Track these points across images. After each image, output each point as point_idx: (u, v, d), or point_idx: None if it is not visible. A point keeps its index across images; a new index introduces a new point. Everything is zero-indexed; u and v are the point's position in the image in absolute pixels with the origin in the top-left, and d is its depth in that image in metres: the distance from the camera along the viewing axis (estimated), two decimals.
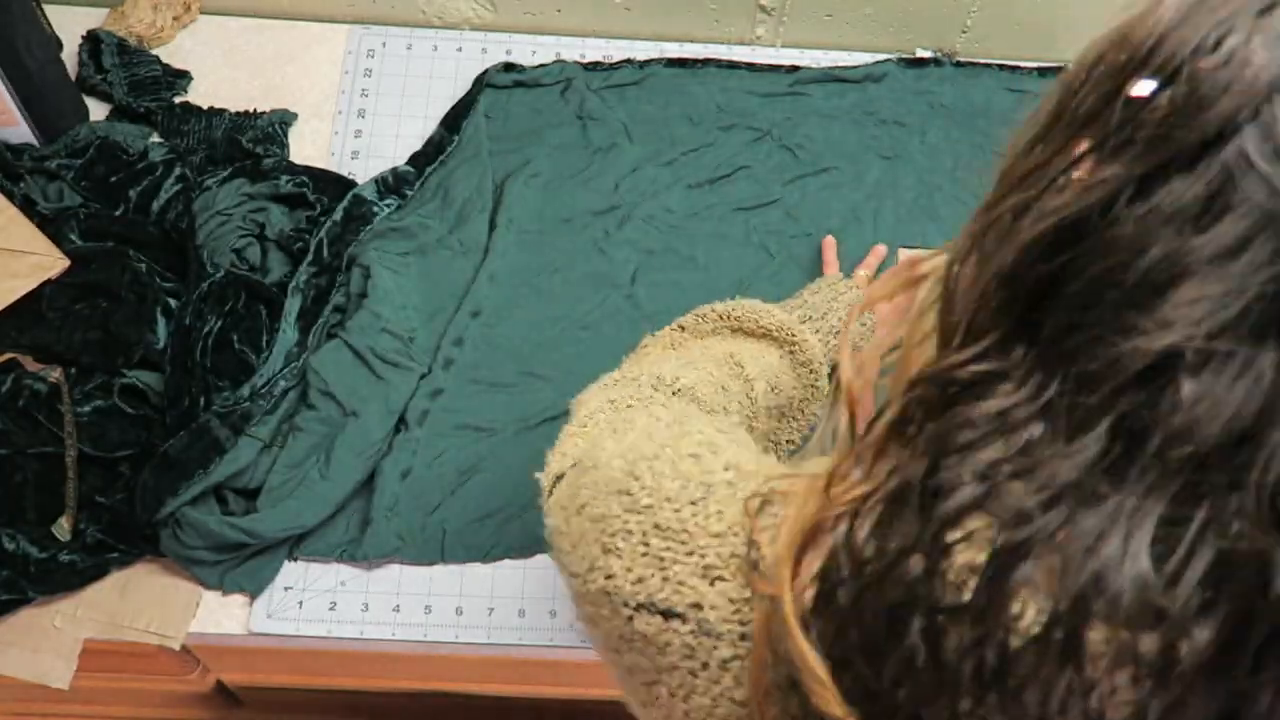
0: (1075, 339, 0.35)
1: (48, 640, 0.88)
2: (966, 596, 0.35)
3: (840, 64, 1.19)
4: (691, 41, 1.21)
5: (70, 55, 1.12)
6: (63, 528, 0.89)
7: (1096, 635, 0.34)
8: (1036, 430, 0.35)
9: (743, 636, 0.43)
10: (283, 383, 0.95)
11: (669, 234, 1.08)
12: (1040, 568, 0.34)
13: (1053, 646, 0.34)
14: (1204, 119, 0.34)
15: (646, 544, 0.46)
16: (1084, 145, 0.37)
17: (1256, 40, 0.34)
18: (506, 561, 0.93)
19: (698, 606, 0.44)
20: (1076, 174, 0.36)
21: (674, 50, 1.19)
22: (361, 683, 1.20)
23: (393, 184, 1.06)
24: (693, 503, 0.46)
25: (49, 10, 1.06)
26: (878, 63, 1.19)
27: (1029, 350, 0.37)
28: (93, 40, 1.12)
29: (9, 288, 0.96)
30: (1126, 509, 0.33)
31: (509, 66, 1.15)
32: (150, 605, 0.89)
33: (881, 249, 1.06)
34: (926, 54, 1.22)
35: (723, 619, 0.44)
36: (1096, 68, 0.38)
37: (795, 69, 1.18)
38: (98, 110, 1.11)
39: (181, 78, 1.13)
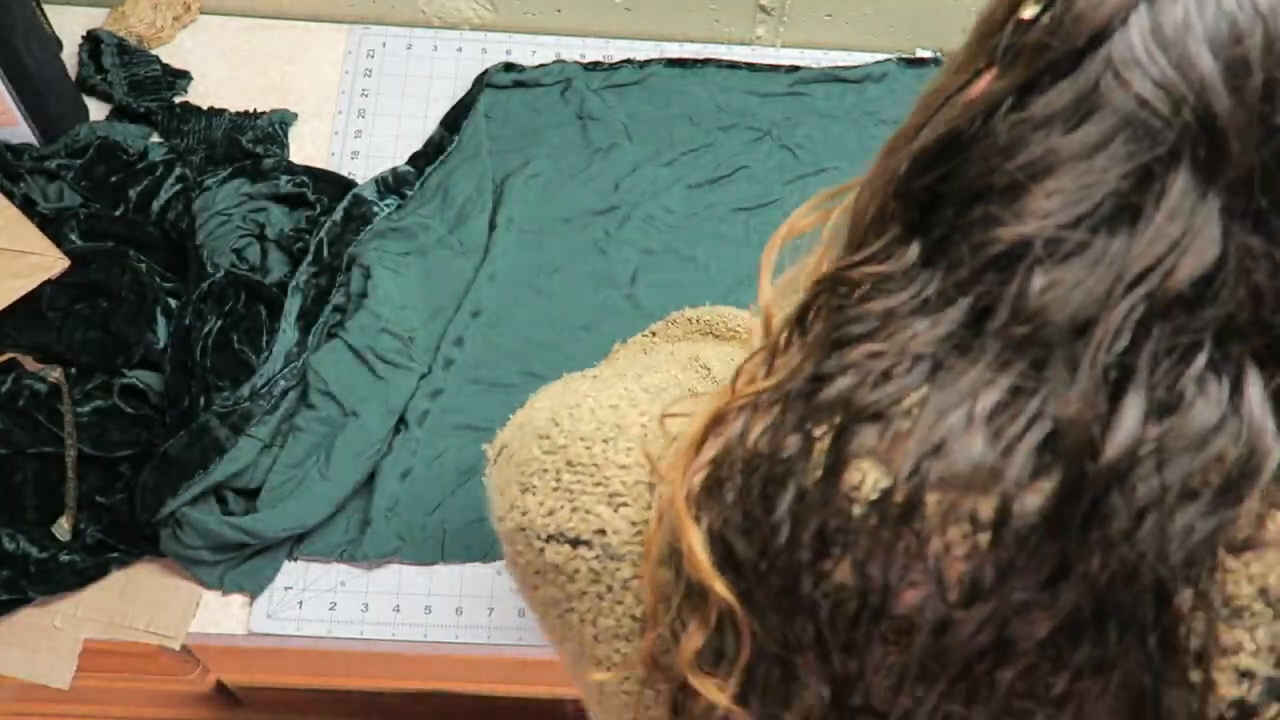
0: (953, 239, 0.39)
1: (48, 640, 0.88)
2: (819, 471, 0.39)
3: (840, 64, 1.19)
4: (691, 41, 1.21)
5: (70, 55, 1.12)
6: (63, 528, 0.89)
7: (934, 499, 0.37)
8: (918, 324, 0.39)
9: (641, 558, 0.46)
10: (283, 383, 0.95)
11: (669, 234, 1.08)
12: (885, 436, 0.38)
13: (891, 511, 0.37)
14: (1076, 31, 0.37)
15: (559, 479, 0.48)
16: (981, 66, 0.40)
17: None
18: (507, 562, 0.93)
19: (601, 532, 0.47)
20: (970, 93, 0.40)
21: (674, 50, 1.19)
22: (361, 683, 1.20)
23: (393, 184, 1.06)
24: (605, 440, 0.49)
25: (49, 10, 1.06)
26: (878, 63, 1.19)
27: (918, 254, 0.40)
28: (93, 40, 1.12)
29: (9, 288, 0.96)
30: (971, 380, 0.37)
31: (509, 66, 1.15)
32: (150, 605, 0.89)
33: None
34: (926, 54, 1.22)
35: (624, 542, 0.46)
36: None
37: (795, 69, 1.18)
38: (98, 110, 1.11)
39: (181, 78, 1.13)
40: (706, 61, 1.18)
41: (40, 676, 0.88)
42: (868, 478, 0.39)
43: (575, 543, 0.47)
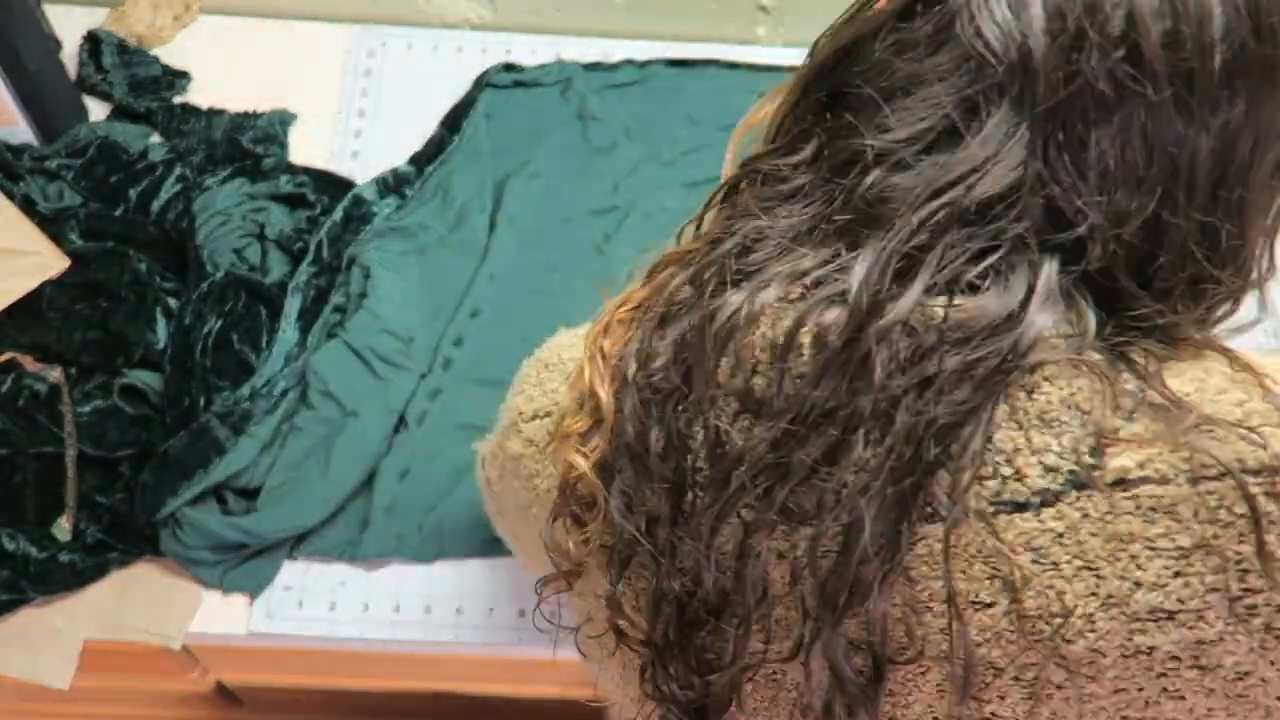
0: (828, 142, 0.47)
1: (48, 640, 0.88)
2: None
3: None
4: (691, 41, 1.21)
5: (70, 55, 1.12)
6: (63, 528, 0.89)
7: (757, 332, 0.48)
8: (787, 208, 0.48)
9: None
10: (283, 383, 0.95)
11: (668, 234, 1.08)
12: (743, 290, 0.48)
13: (724, 331, 0.48)
14: None
15: (539, 380, 0.59)
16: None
17: None
18: (507, 561, 0.93)
19: (557, 403, 0.56)
20: (872, 9, 0.48)
21: (674, 50, 1.19)
22: (361, 683, 1.20)
23: (393, 184, 1.06)
24: (571, 345, 0.59)
25: (49, 10, 1.06)
26: None
27: (811, 153, 0.49)
28: (93, 40, 1.12)
29: (9, 288, 0.96)
30: (803, 252, 0.47)
31: (509, 67, 1.15)
32: (150, 605, 0.89)
33: None
34: None
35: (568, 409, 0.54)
36: None
37: (795, 69, 1.17)
38: (98, 110, 1.11)
39: (181, 78, 1.13)
40: (707, 61, 1.18)
41: (40, 676, 0.88)
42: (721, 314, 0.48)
43: (543, 416, 0.57)
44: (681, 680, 0.50)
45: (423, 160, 1.09)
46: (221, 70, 1.15)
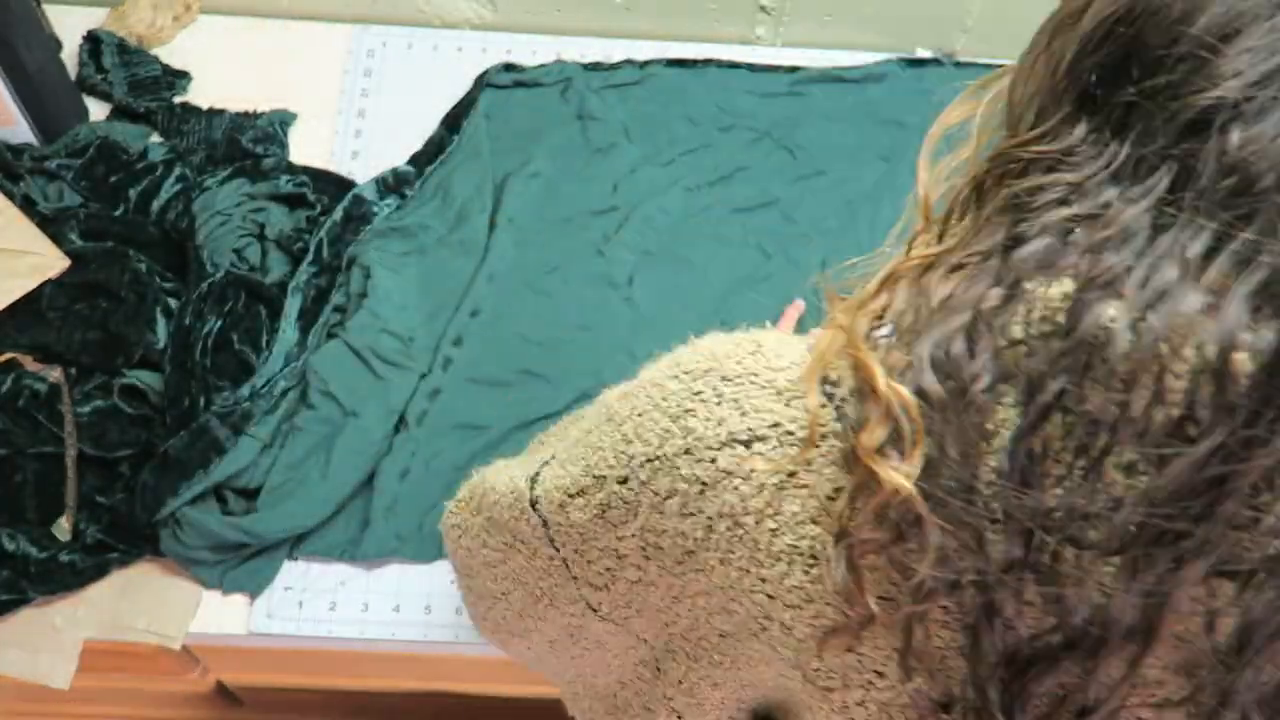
0: (1138, 111, 0.40)
1: (48, 640, 0.88)
2: (1060, 319, 0.40)
3: (840, 64, 1.19)
4: (691, 41, 1.21)
5: (70, 55, 1.12)
6: (63, 528, 0.89)
7: (1159, 347, 0.39)
8: (1110, 192, 0.40)
9: (823, 436, 0.46)
10: (283, 383, 0.95)
11: (666, 235, 1.08)
12: (1114, 296, 0.39)
13: (1140, 350, 0.38)
14: None
15: (719, 393, 0.48)
16: None
17: None
18: None
19: (777, 425, 0.47)
20: None
21: (674, 50, 1.19)
22: (361, 683, 1.20)
23: (393, 184, 1.06)
24: (751, 353, 0.49)
25: (49, 10, 1.06)
26: (878, 63, 1.19)
27: (1090, 128, 0.42)
28: (93, 40, 1.12)
29: (9, 288, 0.96)
30: (1178, 236, 0.38)
31: (509, 67, 1.15)
32: (150, 605, 0.89)
33: (800, 304, 1.02)
34: (926, 54, 1.22)
35: (802, 426, 0.46)
36: None
37: (796, 69, 1.17)
38: (98, 110, 1.11)
39: (181, 78, 1.13)
40: (707, 61, 1.18)
41: (40, 676, 0.88)
42: (1118, 322, 0.39)
43: (749, 441, 0.47)
44: None
45: (423, 160, 1.09)
46: (221, 70, 1.15)
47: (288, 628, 0.90)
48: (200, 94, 1.13)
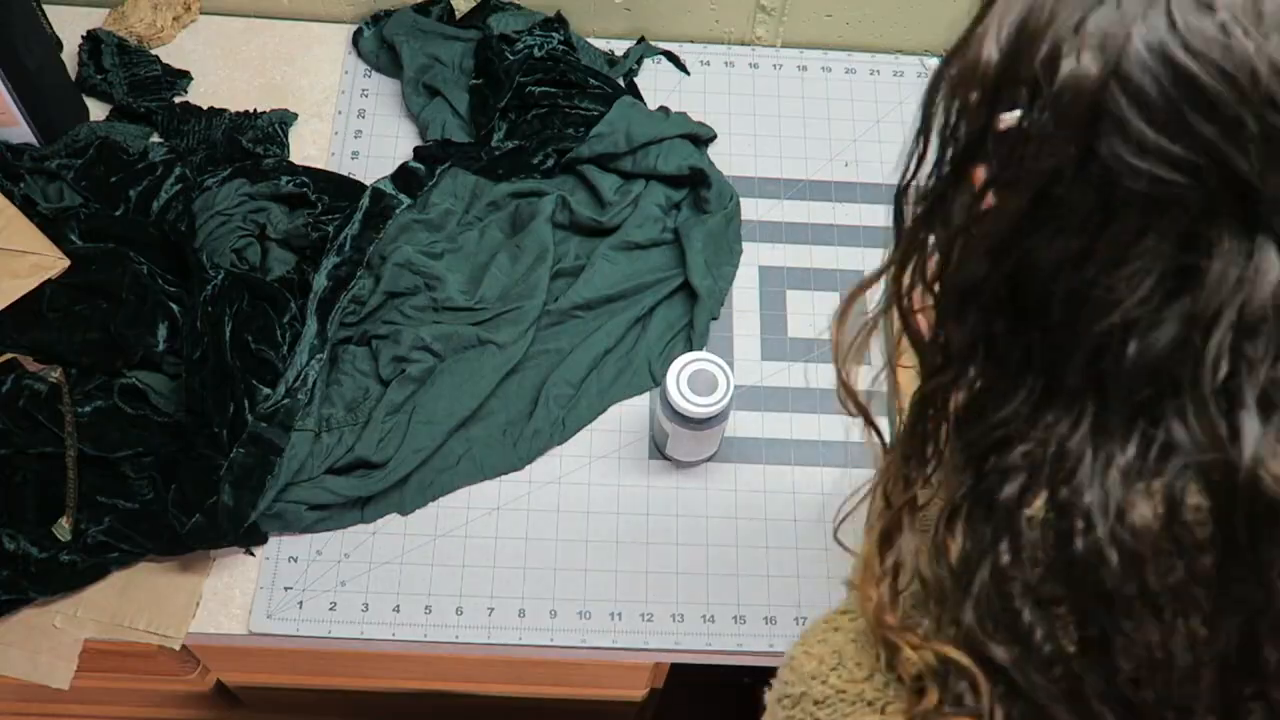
0: (1038, 344, 0.43)
1: (48, 640, 0.88)
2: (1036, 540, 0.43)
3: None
4: (691, 41, 1.21)
5: (70, 55, 1.12)
6: (63, 528, 0.89)
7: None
8: (1047, 419, 0.43)
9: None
10: (312, 374, 0.94)
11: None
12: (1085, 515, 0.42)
13: (1115, 564, 0.41)
14: (1070, 125, 0.39)
15: (817, 719, 0.51)
16: (981, 176, 0.43)
17: (1085, 56, 0.39)
18: (507, 561, 0.93)
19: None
20: (986, 204, 0.43)
21: (675, 51, 1.19)
22: (361, 683, 1.20)
23: (408, 181, 1.05)
24: (833, 668, 0.52)
25: (49, 10, 1.06)
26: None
27: (996, 360, 0.44)
28: (93, 40, 1.12)
29: (9, 288, 0.96)
30: (1112, 452, 0.41)
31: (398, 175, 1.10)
32: (150, 605, 0.89)
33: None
34: (931, 60, 1.22)
35: None
36: (952, 100, 0.44)
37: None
38: (98, 110, 1.11)
39: (181, 78, 1.13)
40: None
41: (40, 676, 0.88)
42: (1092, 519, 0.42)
43: None
44: None
45: (430, 159, 1.08)
46: (221, 70, 1.15)
47: (288, 628, 0.90)
48: (200, 94, 1.13)
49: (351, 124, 1.13)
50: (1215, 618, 0.41)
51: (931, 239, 0.46)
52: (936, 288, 0.47)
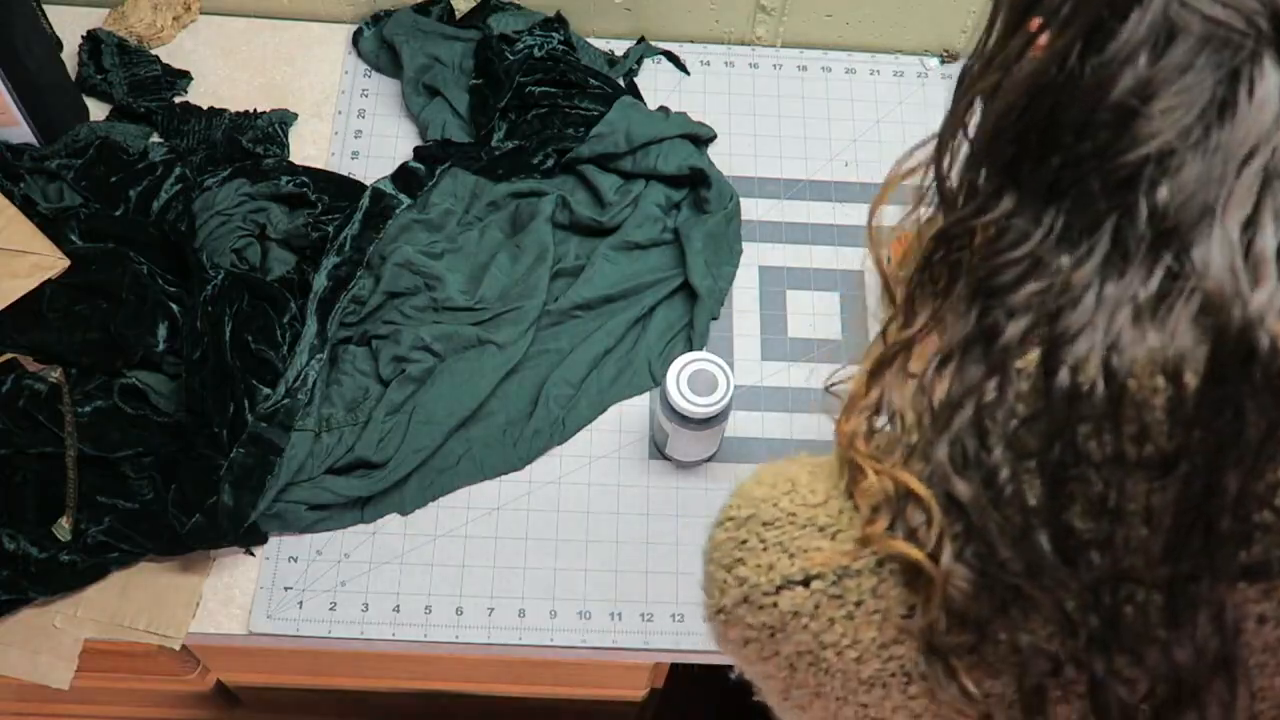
0: (1068, 175, 0.43)
1: (48, 640, 0.88)
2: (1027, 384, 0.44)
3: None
4: (691, 41, 1.21)
5: (70, 55, 1.12)
6: (63, 528, 0.89)
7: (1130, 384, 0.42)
8: (1063, 259, 0.43)
9: (879, 563, 0.48)
10: (312, 374, 0.94)
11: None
12: (1079, 350, 0.42)
13: (1098, 405, 0.42)
14: None
15: (763, 539, 0.51)
16: (1036, 23, 0.44)
17: None
18: (507, 561, 0.93)
19: (828, 561, 0.49)
20: (1034, 49, 0.44)
21: (675, 51, 1.19)
22: (361, 683, 1.20)
23: (407, 182, 1.05)
24: (785, 493, 0.51)
25: (49, 10, 1.06)
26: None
27: (1022, 197, 0.45)
28: (93, 40, 1.12)
29: (9, 288, 0.96)
30: (1130, 283, 0.41)
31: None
32: (150, 605, 0.89)
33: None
34: (931, 61, 1.22)
35: (855, 558, 0.48)
36: None
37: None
38: (98, 110, 1.11)
39: (181, 78, 1.13)
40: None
41: (40, 676, 0.88)
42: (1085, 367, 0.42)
43: (806, 581, 0.49)
44: None
45: (430, 158, 1.08)
46: (221, 70, 1.15)
47: (288, 628, 0.90)
48: (200, 94, 1.13)
49: (351, 124, 1.13)
50: (1177, 459, 0.41)
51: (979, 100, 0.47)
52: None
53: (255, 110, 1.11)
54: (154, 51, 1.14)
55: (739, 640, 0.51)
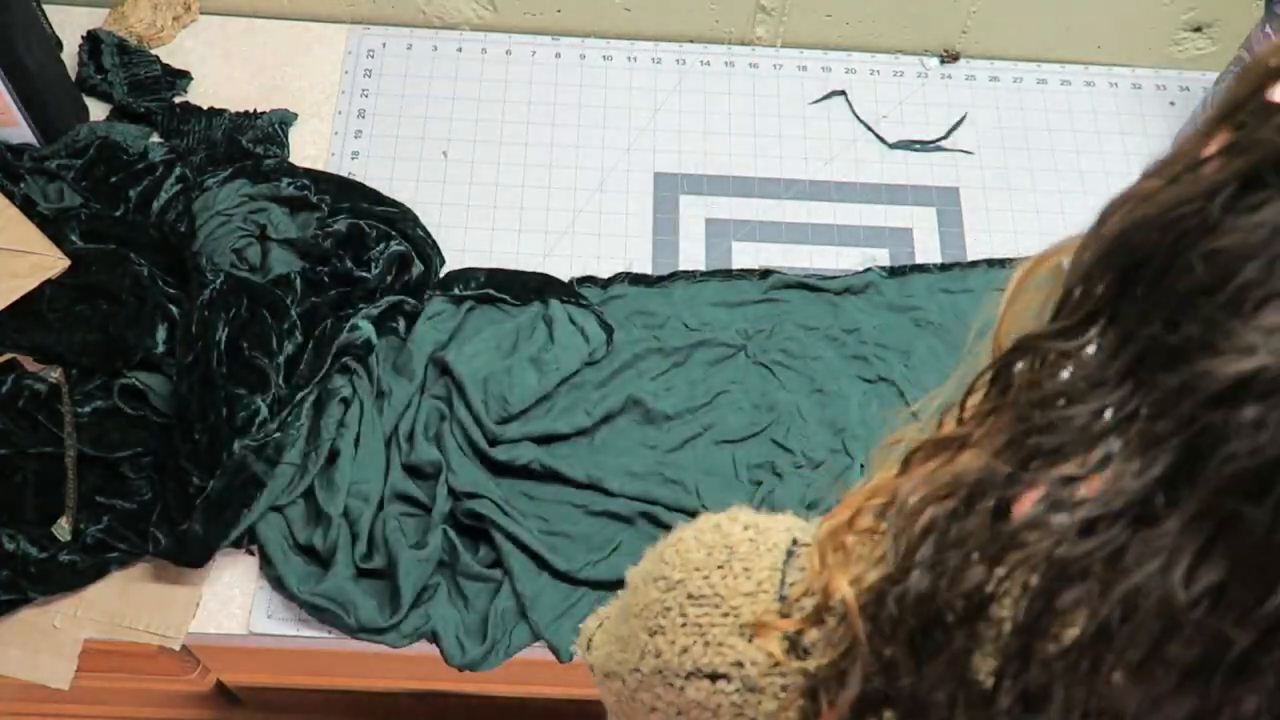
0: (1153, 352, 0.34)
1: (48, 640, 0.88)
2: (1007, 613, 0.37)
3: (818, 272, 1.07)
4: (691, 41, 1.21)
5: (70, 55, 1.12)
6: (63, 528, 0.89)
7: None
8: (1115, 445, 0.34)
9: (783, 689, 0.45)
10: (307, 404, 0.94)
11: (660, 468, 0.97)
12: (1086, 588, 0.34)
13: (1083, 660, 0.34)
14: None
15: (684, 614, 0.48)
16: (1219, 141, 0.35)
17: None
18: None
19: (739, 664, 0.46)
20: (1204, 169, 0.35)
21: (675, 51, 1.19)
22: (361, 683, 1.20)
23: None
24: (719, 567, 0.48)
25: (49, 10, 1.06)
26: (858, 273, 1.07)
27: (1105, 336, 0.36)
28: (93, 40, 1.12)
29: (9, 288, 0.96)
30: (1175, 531, 0.32)
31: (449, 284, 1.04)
32: (150, 605, 0.89)
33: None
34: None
35: (763, 673, 0.46)
36: (1254, 67, 0.36)
37: (768, 273, 1.06)
38: (98, 110, 1.11)
39: (181, 78, 1.13)
40: (673, 276, 1.06)
41: (40, 676, 0.88)
42: (1066, 630, 0.35)
43: (714, 677, 0.47)
44: None
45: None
46: (221, 70, 1.15)
47: (288, 628, 0.90)
48: (200, 94, 1.13)
49: (351, 124, 1.13)
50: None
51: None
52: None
53: (255, 110, 1.11)
54: (154, 51, 1.14)
55: (649, 703, 0.50)
